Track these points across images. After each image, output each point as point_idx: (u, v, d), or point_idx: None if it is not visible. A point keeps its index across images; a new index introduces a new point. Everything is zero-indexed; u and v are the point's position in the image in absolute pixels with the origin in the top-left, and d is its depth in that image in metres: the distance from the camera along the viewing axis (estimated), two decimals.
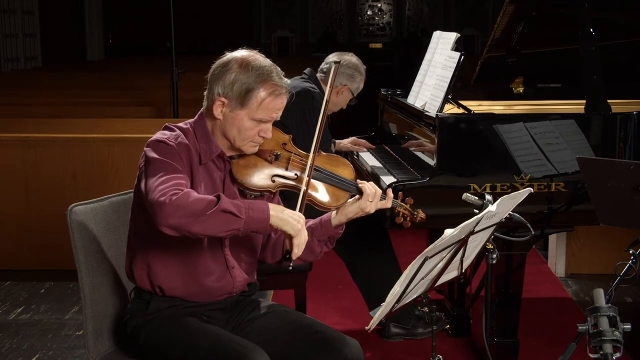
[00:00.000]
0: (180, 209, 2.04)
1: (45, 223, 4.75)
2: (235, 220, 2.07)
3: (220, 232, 2.09)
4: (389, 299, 2.08)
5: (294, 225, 2.14)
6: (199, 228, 2.06)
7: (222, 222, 2.07)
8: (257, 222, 2.11)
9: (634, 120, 3.11)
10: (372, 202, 2.32)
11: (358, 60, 3.97)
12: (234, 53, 2.31)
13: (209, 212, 2.05)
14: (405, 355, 3.56)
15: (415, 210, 2.42)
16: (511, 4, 3.57)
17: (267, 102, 2.24)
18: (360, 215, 2.34)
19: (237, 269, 2.36)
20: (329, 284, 4.46)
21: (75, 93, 7.65)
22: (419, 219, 2.44)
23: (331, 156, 2.44)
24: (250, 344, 2.19)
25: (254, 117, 2.24)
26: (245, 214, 2.09)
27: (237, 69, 2.24)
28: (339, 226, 2.37)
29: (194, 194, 2.09)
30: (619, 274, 2.50)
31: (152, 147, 2.21)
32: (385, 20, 19.53)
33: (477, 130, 3.08)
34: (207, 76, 2.31)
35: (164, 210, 2.04)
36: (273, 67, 2.28)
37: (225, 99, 2.24)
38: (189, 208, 2.04)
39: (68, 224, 2.37)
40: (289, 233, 2.15)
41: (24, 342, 3.80)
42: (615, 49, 3.82)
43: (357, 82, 3.93)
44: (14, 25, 11.97)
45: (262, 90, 2.23)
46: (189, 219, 2.04)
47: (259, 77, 2.23)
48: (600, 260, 4.68)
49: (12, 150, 4.79)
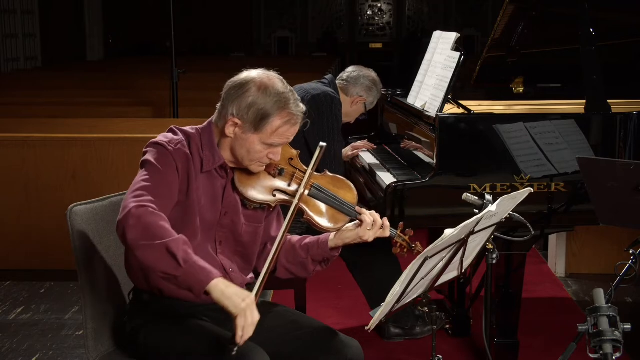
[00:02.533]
0: (140, 225, 2.02)
1: (45, 223, 4.75)
2: (174, 266, 2.01)
3: (156, 268, 2.03)
4: (389, 299, 2.08)
5: (237, 304, 2.01)
6: (141, 254, 2.03)
7: (160, 260, 2.01)
8: (195, 282, 2.02)
9: (634, 120, 3.11)
10: (370, 231, 2.30)
11: (377, 77, 4.04)
12: (253, 73, 2.27)
13: (156, 243, 2.01)
14: (405, 355, 3.56)
15: (414, 244, 2.38)
16: (511, 4, 3.57)
17: (281, 130, 2.23)
18: (357, 242, 2.33)
19: (235, 272, 2.35)
20: (329, 284, 4.46)
21: (75, 93, 7.64)
22: (416, 252, 2.36)
23: (336, 177, 2.42)
24: (249, 344, 2.18)
25: (266, 142, 2.23)
26: (187, 267, 2.01)
27: (255, 92, 2.21)
28: (335, 249, 2.36)
29: (163, 221, 2.06)
30: (619, 274, 2.51)
31: (150, 149, 2.22)
32: (385, 20, 19.51)
33: (477, 130, 3.08)
34: (223, 92, 2.27)
35: (129, 217, 2.04)
36: (291, 93, 2.25)
37: (239, 121, 2.22)
38: (147, 228, 2.02)
39: (68, 224, 2.37)
40: (229, 311, 2.02)
41: (24, 342, 3.80)
42: (615, 49, 3.82)
43: (372, 97, 3.99)
44: (14, 25, 11.97)
45: (278, 118, 2.21)
46: (140, 239, 2.02)
47: (277, 104, 2.21)
48: (600, 260, 4.68)
49: (12, 150, 4.79)
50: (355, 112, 4.03)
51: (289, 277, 2.47)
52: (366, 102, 3.98)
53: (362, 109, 4.01)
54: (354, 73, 3.98)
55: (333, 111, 3.73)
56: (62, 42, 13.74)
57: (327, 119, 3.70)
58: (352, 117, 4.06)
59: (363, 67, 4.05)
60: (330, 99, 3.77)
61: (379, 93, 4.01)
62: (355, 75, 3.97)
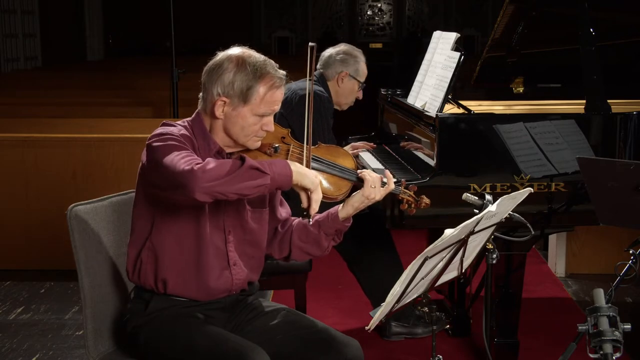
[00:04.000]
0: (208, 173, 2.06)
1: (45, 223, 4.75)
2: (262, 176, 2.10)
3: (249, 188, 2.10)
4: (389, 299, 2.08)
5: (313, 179, 2.18)
6: (230, 187, 2.08)
7: (250, 179, 2.09)
8: (282, 177, 2.14)
9: (634, 120, 3.11)
10: (375, 189, 2.32)
11: (349, 46, 3.96)
12: (227, 52, 2.33)
13: (237, 171, 2.08)
14: (405, 355, 3.56)
15: (419, 197, 2.42)
16: (511, 4, 3.57)
17: (268, 95, 2.26)
18: (366, 204, 2.35)
19: (238, 266, 2.36)
20: (329, 284, 4.46)
21: (75, 93, 7.64)
22: (424, 205, 2.42)
23: (331, 147, 2.45)
24: (250, 344, 2.19)
25: (257, 112, 2.26)
26: (270, 170, 2.12)
27: (234, 68, 2.26)
28: (346, 219, 2.38)
29: (215, 160, 2.12)
30: (619, 274, 2.50)
31: (157, 139, 2.21)
32: (385, 20, 19.52)
33: (477, 130, 3.08)
34: (202, 78, 2.32)
35: (194, 176, 2.05)
36: (267, 60, 2.30)
37: (226, 98, 2.26)
38: (216, 171, 2.07)
39: (68, 224, 2.37)
40: (307, 187, 2.18)
41: (24, 342, 3.80)
42: (615, 49, 3.82)
43: (352, 65, 3.89)
44: (14, 25, 11.97)
45: (262, 85, 2.25)
46: (219, 180, 2.06)
47: (257, 72, 2.25)
48: (600, 260, 4.68)
49: (12, 150, 4.79)
50: (349, 90, 3.92)
51: (305, 258, 2.52)
52: (350, 74, 3.88)
53: (353, 83, 3.90)
54: (325, 55, 3.93)
55: (320, 109, 3.69)
56: (62, 42, 13.75)
57: (316, 118, 3.66)
58: (350, 98, 3.96)
59: (334, 47, 3.97)
60: (317, 96, 3.71)
61: (356, 58, 3.91)
62: (327, 57, 3.92)
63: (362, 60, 3.94)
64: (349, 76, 3.89)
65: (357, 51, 3.95)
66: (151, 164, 2.19)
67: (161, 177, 2.14)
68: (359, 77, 3.92)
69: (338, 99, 3.92)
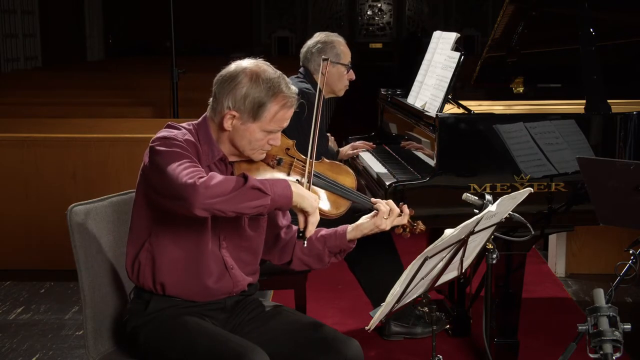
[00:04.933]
0: (210, 189, 2.06)
1: (45, 223, 4.75)
2: (263, 197, 2.11)
3: (249, 208, 2.11)
4: (389, 299, 2.08)
5: (312, 203, 2.19)
6: (230, 206, 2.08)
7: (251, 199, 2.10)
8: (282, 198, 2.14)
9: (634, 120, 3.11)
10: (387, 220, 2.34)
11: (324, 34, 3.89)
12: (241, 64, 2.30)
13: (239, 190, 2.08)
14: (405, 355, 3.56)
15: (415, 222, 2.42)
16: (511, 4, 3.57)
17: (279, 115, 2.26)
18: (375, 232, 2.37)
19: (235, 269, 2.36)
20: (329, 284, 4.46)
21: (75, 93, 7.65)
22: (419, 230, 2.42)
23: (333, 164, 2.44)
24: (249, 344, 2.19)
25: (266, 129, 2.26)
26: (271, 190, 2.12)
27: (247, 82, 2.24)
28: (352, 241, 2.41)
29: (218, 175, 2.12)
30: (619, 274, 2.50)
31: (161, 143, 2.21)
32: (385, 20, 19.53)
33: (477, 130, 3.08)
34: (214, 87, 2.30)
35: (195, 191, 2.05)
36: (281, 77, 2.28)
37: (236, 113, 2.25)
38: (218, 188, 2.07)
39: (68, 224, 2.37)
40: (306, 210, 2.18)
41: (24, 342, 3.80)
42: (615, 49, 3.82)
43: (330, 52, 3.80)
44: (14, 25, 11.98)
45: (275, 103, 2.24)
46: (221, 198, 2.07)
47: (270, 90, 2.24)
48: (600, 260, 4.68)
49: (12, 150, 4.79)
50: (337, 76, 3.82)
51: (304, 269, 2.53)
52: (331, 60, 3.75)
53: (338, 68, 3.80)
54: (303, 51, 3.87)
55: (310, 107, 3.65)
56: (62, 42, 13.76)
57: (305, 117, 3.63)
58: (341, 83, 3.85)
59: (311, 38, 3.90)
60: (304, 95, 3.59)
61: (333, 43, 3.81)
62: (305, 52, 3.85)
63: (340, 43, 3.85)
64: (331, 63, 3.77)
65: (332, 36, 3.87)
66: (153, 168, 2.18)
67: (162, 185, 2.14)
68: (342, 61, 3.82)
69: (330, 87, 3.83)
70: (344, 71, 3.84)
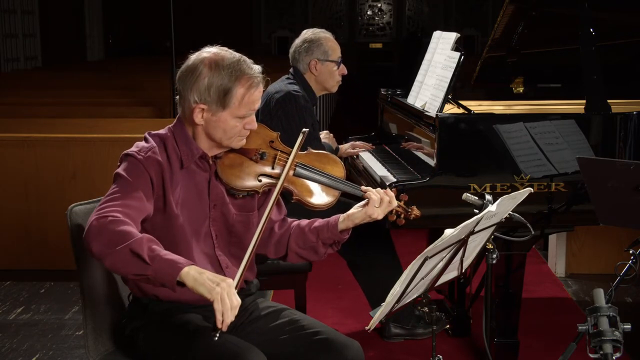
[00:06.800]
0: (102, 235, 2.00)
1: (45, 223, 4.75)
2: (143, 266, 1.97)
3: (127, 272, 2.01)
4: (389, 299, 2.08)
5: (211, 288, 1.93)
6: (109, 262, 2.00)
7: (129, 263, 1.98)
8: (165, 276, 1.97)
9: (634, 120, 3.11)
10: (378, 208, 2.30)
11: (310, 31, 3.86)
12: (200, 54, 2.27)
13: (119, 248, 1.98)
14: (405, 355, 3.56)
15: (410, 207, 2.38)
16: (511, 4, 3.57)
17: (247, 97, 2.22)
18: (367, 221, 2.33)
19: (231, 268, 2.35)
20: (329, 284, 4.46)
21: (75, 93, 7.64)
22: (414, 216, 2.38)
23: (320, 154, 2.42)
24: (247, 345, 2.18)
25: (237, 115, 2.22)
26: (156, 263, 1.97)
27: (208, 72, 2.21)
28: (344, 231, 2.37)
29: (124, 225, 2.01)
30: (619, 274, 2.50)
31: (121, 161, 2.21)
32: (385, 20, 19.53)
33: (477, 130, 3.08)
34: (177, 85, 2.27)
35: (90, 231, 2.02)
36: (242, 59, 2.24)
37: (204, 105, 2.21)
38: (109, 236, 1.99)
39: (68, 224, 2.37)
40: (205, 296, 1.95)
41: (24, 342, 3.80)
42: (615, 49, 3.82)
43: (317, 50, 3.77)
44: (14, 25, 11.97)
45: (240, 87, 2.21)
46: (105, 248, 1.99)
47: (232, 74, 2.20)
48: (600, 260, 4.68)
49: (12, 150, 4.79)
50: (328, 74, 3.78)
51: (300, 261, 2.51)
52: (320, 59, 3.75)
53: (327, 65, 3.76)
54: (291, 51, 3.85)
55: (299, 109, 3.64)
56: (62, 42, 13.75)
57: (294, 119, 3.62)
58: (332, 80, 3.82)
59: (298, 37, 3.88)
60: (292, 97, 3.63)
61: (319, 41, 3.77)
62: (293, 52, 3.83)
63: (328, 39, 3.81)
64: (320, 62, 3.76)
65: (318, 33, 3.83)
66: None
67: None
68: (330, 58, 3.78)
69: (322, 85, 3.81)
70: (334, 67, 3.79)
